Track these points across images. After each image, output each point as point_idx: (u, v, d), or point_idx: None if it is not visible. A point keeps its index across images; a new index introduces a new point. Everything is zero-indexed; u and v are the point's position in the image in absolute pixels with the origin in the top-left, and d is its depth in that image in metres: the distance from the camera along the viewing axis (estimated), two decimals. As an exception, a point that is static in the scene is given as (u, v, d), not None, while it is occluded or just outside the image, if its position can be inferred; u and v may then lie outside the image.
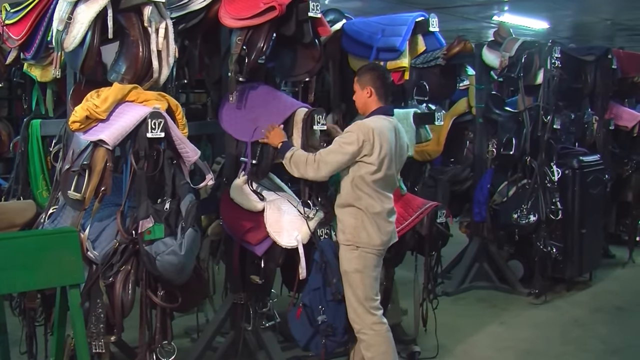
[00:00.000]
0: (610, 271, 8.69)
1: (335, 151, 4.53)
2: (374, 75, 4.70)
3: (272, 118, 4.78)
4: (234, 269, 5.13)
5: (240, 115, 4.94)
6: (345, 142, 4.52)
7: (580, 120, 8.47)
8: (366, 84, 4.68)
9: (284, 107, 4.89)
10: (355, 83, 4.77)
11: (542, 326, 6.69)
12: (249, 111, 4.92)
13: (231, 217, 4.88)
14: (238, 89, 4.88)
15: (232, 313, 5.34)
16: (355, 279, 4.57)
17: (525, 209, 7.16)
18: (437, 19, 5.62)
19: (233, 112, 4.98)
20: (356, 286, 4.57)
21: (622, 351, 6.08)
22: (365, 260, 4.58)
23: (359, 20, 5.69)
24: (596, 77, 8.35)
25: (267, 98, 4.98)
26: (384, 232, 4.62)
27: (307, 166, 4.52)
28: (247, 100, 4.97)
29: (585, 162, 7.76)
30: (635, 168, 9.19)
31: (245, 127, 4.87)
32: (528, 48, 7.51)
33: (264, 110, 4.87)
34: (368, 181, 4.54)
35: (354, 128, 4.57)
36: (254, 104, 4.94)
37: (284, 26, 4.79)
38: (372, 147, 4.48)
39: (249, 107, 4.94)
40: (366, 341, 4.61)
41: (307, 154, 4.56)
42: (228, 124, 5.03)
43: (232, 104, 4.88)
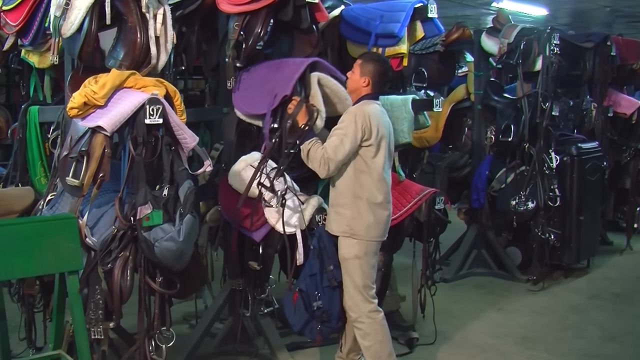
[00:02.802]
0: (607, 258, 8.72)
1: (340, 144, 4.47)
2: (378, 70, 4.67)
3: (287, 79, 4.62)
4: (232, 255, 5.14)
5: (256, 93, 4.79)
6: (347, 132, 4.48)
7: (578, 107, 8.47)
8: (367, 74, 4.64)
9: (296, 65, 4.72)
10: (356, 66, 4.71)
11: (539, 313, 6.70)
12: (262, 85, 4.78)
13: (229, 203, 4.88)
14: (246, 70, 4.84)
15: (230, 299, 5.35)
16: (354, 266, 4.57)
17: (523, 195, 7.17)
18: (435, 5, 5.62)
19: (247, 92, 4.85)
20: (355, 273, 4.57)
21: (619, 338, 6.10)
22: (366, 247, 4.58)
23: (357, 6, 5.67)
24: (595, 64, 8.33)
25: (277, 66, 4.85)
26: (381, 222, 4.62)
27: (320, 166, 4.47)
28: (257, 76, 4.86)
29: (583, 149, 7.77)
30: (633, 155, 9.21)
31: (263, 99, 4.69)
32: (527, 35, 7.50)
33: (276, 78, 4.72)
34: (370, 165, 4.54)
35: (350, 116, 4.53)
36: (264, 77, 4.81)
37: (282, 12, 4.78)
38: (370, 130, 4.48)
39: (260, 81, 4.81)
40: (363, 330, 4.61)
41: (322, 152, 4.47)
42: (247, 106, 4.85)
43: (245, 87, 4.81)
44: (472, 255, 7.95)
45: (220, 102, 5.58)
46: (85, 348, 3.81)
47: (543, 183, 7.23)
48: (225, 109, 5.23)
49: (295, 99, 4.53)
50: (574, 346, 5.89)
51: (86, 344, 3.81)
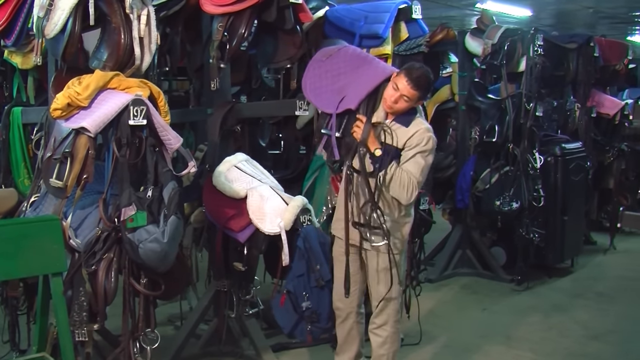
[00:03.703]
0: (591, 258, 8.76)
1: (426, 168, 4.29)
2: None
3: (358, 89, 4.37)
4: (217, 256, 5.13)
5: (325, 85, 4.51)
6: (430, 153, 4.30)
7: (562, 107, 8.50)
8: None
9: (373, 75, 4.44)
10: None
11: (524, 312, 6.73)
12: (335, 79, 4.50)
13: (214, 204, 4.88)
14: (326, 52, 4.64)
15: (215, 300, 5.35)
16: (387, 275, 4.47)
17: (507, 196, 7.18)
18: (419, 6, 5.63)
19: (318, 80, 4.55)
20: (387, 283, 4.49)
21: (602, 337, 6.13)
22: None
23: (341, 7, 5.68)
24: (578, 65, 8.37)
25: (356, 63, 4.55)
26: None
27: (408, 191, 4.21)
28: (333, 66, 4.56)
29: (567, 149, 7.80)
30: (616, 155, 9.25)
31: (330, 97, 4.44)
32: (511, 35, 7.53)
33: (351, 79, 4.45)
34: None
35: (429, 135, 4.29)
36: (341, 70, 4.52)
37: (265, 12, 4.78)
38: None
39: (335, 74, 4.52)
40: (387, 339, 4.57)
41: (404, 176, 4.19)
42: (312, 93, 4.56)
43: (317, 70, 4.55)
44: (457, 255, 7.97)
45: (204, 103, 5.58)
46: (69, 350, 3.79)
47: (527, 183, 7.25)
48: (209, 110, 5.23)
49: (360, 119, 4.28)
50: (558, 345, 5.92)
51: (70, 346, 3.80)
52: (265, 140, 6.09)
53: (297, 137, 6.02)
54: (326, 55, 4.60)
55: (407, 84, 4.19)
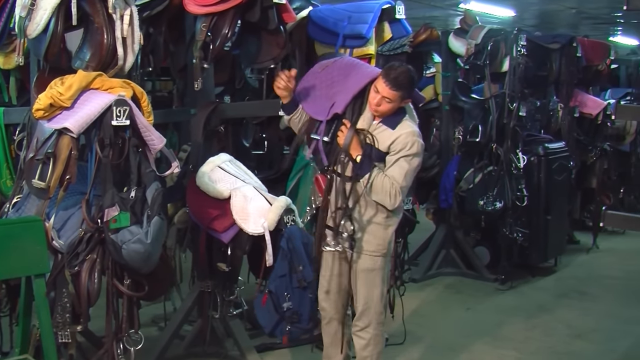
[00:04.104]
0: (574, 257, 8.80)
1: (411, 172, 4.27)
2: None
3: (346, 94, 4.36)
4: (200, 257, 5.13)
5: (319, 95, 4.48)
6: (416, 156, 4.27)
7: (545, 107, 8.54)
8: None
9: (358, 78, 4.41)
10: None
11: (507, 311, 6.75)
12: (328, 88, 4.46)
13: (197, 205, 4.87)
14: (324, 64, 4.60)
15: (199, 301, 5.34)
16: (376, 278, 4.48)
17: (491, 195, 7.21)
18: (403, 6, 5.64)
19: (312, 90, 4.53)
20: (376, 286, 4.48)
21: (586, 335, 6.17)
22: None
23: (325, 7, 5.68)
24: (561, 65, 8.41)
25: (347, 71, 4.50)
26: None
27: (391, 197, 4.19)
28: (327, 76, 4.52)
29: (550, 149, 7.84)
30: (599, 155, 9.30)
31: (321, 104, 4.43)
32: (494, 36, 7.55)
33: (341, 86, 4.43)
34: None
35: (415, 138, 4.27)
36: (334, 79, 4.48)
37: (249, 12, 4.77)
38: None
39: (328, 83, 4.48)
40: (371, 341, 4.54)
41: (386, 181, 4.17)
42: (305, 101, 4.52)
43: (313, 82, 4.52)
44: (441, 255, 7.99)
45: (188, 104, 5.57)
46: (52, 352, 3.77)
47: (511, 183, 7.28)
48: (192, 110, 5.22)
49: (345, 124, 4.27)
50: (542, 344, 5.95)
51: (53, 348, 3.78)
52: (249, 141, 6.08)
53: (281, 138, 6.01)
54: (322, 67, 4.57)
55: (386, 85, 4.16)
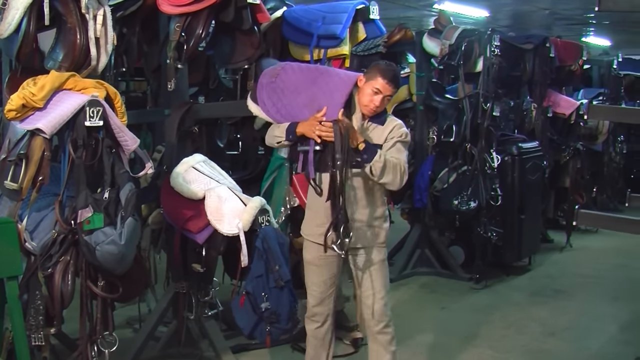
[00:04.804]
0: (548, 256, 8.87)
1: (406, 157, 4.33)
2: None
3: (333, 95, 4.24)
4: (175, 258, 5.11)
5: (288, 103, 4.34)
6: (407, 145, 4.39)
7: (519, 107, 8.58)
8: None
9: (341, 83, 4.30)
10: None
11: (482, 310, 6.79)
12: (295, 95, 4.34)
13: (172, 206, 4.85)
14: (272, 73, 4.45)
15: (174, 302, 5.33)
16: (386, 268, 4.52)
17: (465, 195, 7.24)
18: (377, 7, 5.66)
19: (278, 100, 4.37)
20: (387, 276, 4.52)
21: (560, 333, 6.21)
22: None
23: (299, 7, 5.69)
24: (534, 65, 8.46)
25: (310, 75, 4.38)
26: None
27: (399, 176, 4.19)
28: (287, 84, 4.37)
29: (524, 148, 7.89)
30: (572, 154, 9.38)
31: (300, 113, 4.29)
32: (468, 36, 7.59)
33: (314, 92, 4.29)
34: None
35: (405, 129, 4.36)
36: (298, 86, 4.35)
37: (223, 13, 4.77)
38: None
39: (292, 90, 4.35)
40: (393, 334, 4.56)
41: (394, 161, 4.17)
42: (279, 114, 4.38)
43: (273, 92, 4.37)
44: (416, 254, 8.01)
45: (162, 104, 5.55)
46: (25, 355, 3.74)
47: (485, 182, 7.31)
48: (166, 111, 5.20)
49: (340, 119, 4.14)
50: (517, 342, 5.99)
51: (27, 351, 3.75)
52: (223, 141, 6.07)
53: (255, 138, 6.00)
54: (274, 76, 4.45)
55: (388, 84, 4.22)
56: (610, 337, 6.22)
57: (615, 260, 8.80)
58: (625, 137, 11.32)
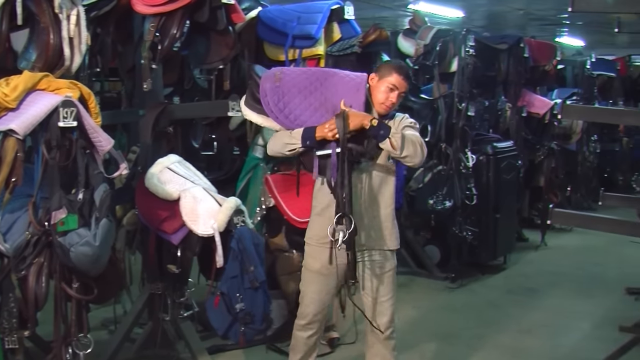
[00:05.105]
0: (523, 254, 8.93)
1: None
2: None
3: (347, 95, 4.13)
4: (150, 259, 5.09)
5: (296, 106, 4.16)
6: (417, 128, 4.31)
7: (493, 107, 8.64)
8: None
9: (351, 80, 4.22)
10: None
11: (458, 309, 6.82)
12: (304, 97, 4.18)
13: (146, 207, 4.84)
14: (273, 77, 4.21)
15: (149, 303, 5.30)
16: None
17: (440, 194, 7.28)
18: (352, 7, 5.67)
19: (284, 106, 4.17)
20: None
21: (535, 331, 6.27)
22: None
23: (274, 7, 5.69)
24: (509, 65, 8.52)
25: (317, 76, 4.23)
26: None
27: (419, 149, 4.06)
28: (297, 85, 4.19)
29: (499, 148, 7.93)
30: (546, 154, 9.45)
31: (312, 116, 4.14)
32: (443, 36, 7.63)
33: (324, 90, 4.17)
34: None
35: (409, 117, 4.34)
36: (305, 88, 4.18)
37: (198, 13, 4.75)
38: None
39: (300, 93, 4.17)
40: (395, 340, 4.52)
41: (411, 133, 4.09)
42: (285, 121, 4.19)
43: (279, 96, 4.16)
44: (392, 254, 8.02)
45: (136, 105, 5.52)
46: (-1, 357, 3.73)
47: (460, 182, 7.35)
48: (141, 111, 5.17)
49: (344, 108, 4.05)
50: (493, 341, 6.03)
51: (0, 354, 3.73)
52: (198, 142, 6.06)
53: (231, 138, 6.00)
54: (277, 80, 4.22)
55: (404, 80, 4.20)
56: (585, 334, 6.29)
57: (589, 258, 8.90)
58: (598, 137, 11.44)
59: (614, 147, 12.26)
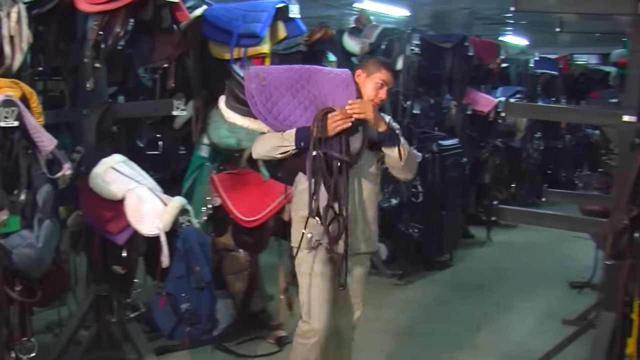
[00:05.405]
0: (469, 251, 9.03)
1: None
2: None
3: (336, 92, 4.04)
4: (95, 260, 5.04)
5: (284, 106, 4.01)
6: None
7: (439, 105, 8.71)
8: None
9: (337, 77, 4.12)
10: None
11: (406, 306, 6.86)
12: (292, 96, 4.03)
13: (91, 207, 4.79)
14: (257, 77, 4.03)
15: (95, 305, 5.24)
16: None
17: (386, 192, 7.31)
18: (297, 6, 5.65)
19: (272, 106, 4.01)
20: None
21: (482, 326, 6.36)
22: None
23: (219, 6, 5.66)
24: (454, 64, 8.61)
25: (301, 73, 4.11)
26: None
27: (414, 164, 4.27)
28: (283, 83, 4.05)
29: (444, 146, 8.01)
30: (491, 151, 9.57)
31: (302, 114, 4.00)
32: (388, 35, 7.68)
33: (311, 88, 4.05)
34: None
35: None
36: (292, 86, 4.05)
37: (142, 11, 4.72)
38: None
39: (287, 91, 4.03)
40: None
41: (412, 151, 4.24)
42: (274, 122, 4.02)
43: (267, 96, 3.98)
44: (340, 252, 8.04)
45: (80, 104, 5.45)
46: (-61, 362, 3.66)
47: (406, 180, 7.40)
48: (85, 111, 5.12)
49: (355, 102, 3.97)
50: (441, 337, 6.09)
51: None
52: (143, 141, 6.01)
53: (176, 138, 5.95)
54: (262, 79, 4.03)
55: (390, 73, 4.23)
56: (530, 328, 6.40)
57: (533, 253, 9.04)
58: (542, 134, 11.61)
59: (556, 144, 12.44)
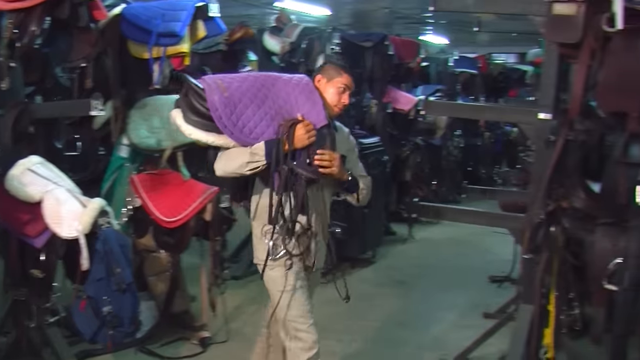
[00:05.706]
0: (391, 248, 9.12)
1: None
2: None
3: (299, 100, 3.95)
4: (12, 264, 4.93)
5: (249, 118, 3.83)
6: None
7: (359, 103, 8.77)
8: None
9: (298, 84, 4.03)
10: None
11: (330, 303, 6.79)
12: (257, 106, 3.86)
13: (7, 210, 4.68)
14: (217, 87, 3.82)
15: (13, 310, 5.13)
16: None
17: (310, 191, 7.34)
18: (217, 5, 5.63)
19: (236, 119, 3.82)
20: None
21: (405, 322, 6.43)
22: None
23: (138, 4, 5.59)
24: (374, 63, 8.69)
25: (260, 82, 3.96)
26: None
27: (368, 197, 4.48)
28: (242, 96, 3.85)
29: (365, 144, 8.04)
30: (412, 149, 9.69)
31: (269, 125, 3.87)
32: (309, 34, 7.71)
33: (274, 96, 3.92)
34: None
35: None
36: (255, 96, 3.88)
37: (58, 9, 4.65)
38: None
39: (251, 102, 3.85)
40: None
41: (367, 182, 4.50)
42: (240, 135, 3.82)
43: (231, 107, 3.78)
44: (262, 251, 8.02)
45: (-5, 105, 5.34)
46: None
47: (328, 178, 7.43)
48: (0, 111, 5.01)
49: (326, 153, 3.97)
50: (364, 333, 6.15)
51: None
52: (61, 142, 5.91)
53: (95, 138, 5.86)
54: (223, 90, 3.81)
55: (350, 76, 4.10)
56: (452, 322, 6.50)
57: (454, 249, 9.19)
58: (462, 132, 11.81)
59: (476, 141, 12.65)
